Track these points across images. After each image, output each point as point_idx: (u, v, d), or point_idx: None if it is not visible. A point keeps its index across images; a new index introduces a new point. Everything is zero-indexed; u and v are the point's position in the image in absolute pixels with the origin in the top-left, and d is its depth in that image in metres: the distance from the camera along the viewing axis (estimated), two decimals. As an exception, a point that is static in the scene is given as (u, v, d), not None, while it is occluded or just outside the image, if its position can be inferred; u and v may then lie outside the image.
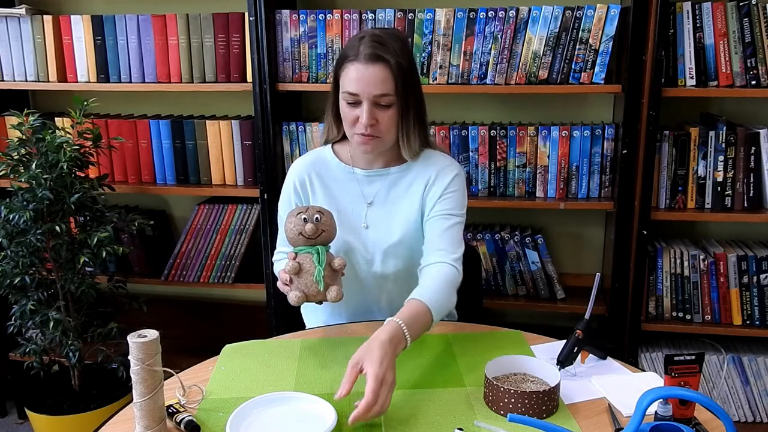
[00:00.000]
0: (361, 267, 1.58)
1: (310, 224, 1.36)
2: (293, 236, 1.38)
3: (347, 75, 1.47)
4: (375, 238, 1.58)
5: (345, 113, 1.50)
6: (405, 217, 1.58)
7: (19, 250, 2.02)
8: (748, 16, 1.91)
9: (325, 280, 1.34)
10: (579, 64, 2.01)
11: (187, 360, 1.37)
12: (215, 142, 2.28)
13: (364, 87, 1.45)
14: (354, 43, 1.48)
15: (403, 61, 1.47)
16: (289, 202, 1.64)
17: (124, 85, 2.27)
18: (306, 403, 1.19)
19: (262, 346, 1.44)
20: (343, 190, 1.61)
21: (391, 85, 1.45)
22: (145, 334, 1.04)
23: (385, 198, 1.59)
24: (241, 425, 1.12)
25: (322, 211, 1.40)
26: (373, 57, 1.44)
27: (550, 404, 1.15)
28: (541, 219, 2.38)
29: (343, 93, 1.48)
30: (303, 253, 1.37)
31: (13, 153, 2.02)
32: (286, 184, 1.66)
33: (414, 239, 1.57)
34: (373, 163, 1.60)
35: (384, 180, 1.60)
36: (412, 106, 1.51)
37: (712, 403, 0.92)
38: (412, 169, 1.60)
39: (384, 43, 1.45)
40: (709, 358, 2.16)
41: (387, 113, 1.48)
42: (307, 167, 1.63)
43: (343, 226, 1.56)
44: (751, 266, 2.07)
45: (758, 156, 1.99)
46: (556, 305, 2.23)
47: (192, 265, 2.39)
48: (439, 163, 1.59)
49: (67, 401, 2.19)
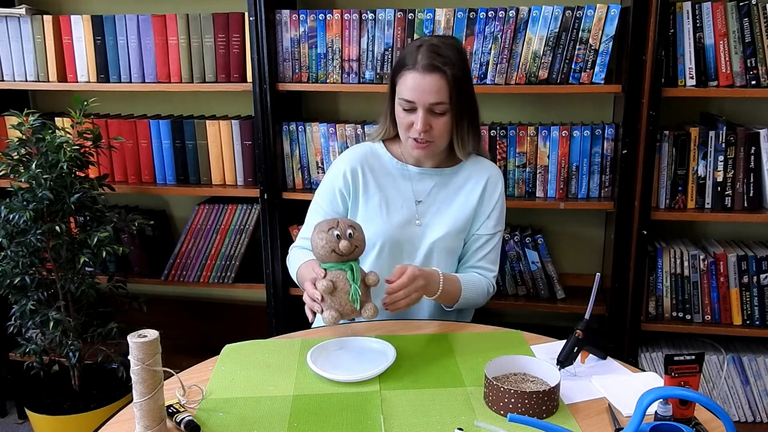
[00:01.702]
0: (404, 260, 1.63)
1: (345, 241, 1.30)
2: (325, 253, 1.31)
3: (404, 82, 1.53)
4: (424, 234, 1.63)
5: (400, 118, 1.57)
6: (453, 217, 1.64)
7: (19, 250, 2.02)
8: (748, 16, 1.91)
9: (360, 297, 1.30)
10: (579, 64, 2.01)
11: (187, 360, 1.37)
12: (215, 142, 2.28)
13: (420, 95, 1.51)
14: (411, 50, 1.53)
15: (459, 71, 1.52)
16: (333, 190, 1.67)
17: (124, 85, 2.27)
18: (369, 342, 1.40)
19: (262, 346, 1.44)
20: (394, 185, 1.66)
21: (445, 94, 1.51)
22: (145, 334, 1.04)
23: (435, 197, 1.65)
24: (318, 360, 1.31)
25: (353, 225, 1.34)
26: (429, 67, 1.50)
27: (550, 404, 1.15)
28: (541, 219, 2.38)
29: (400, 99, 1.55)
30: (335, 270, 1.31)
31: (13, 153, 2.02)
32: (333, 172, 1.68)
33: (457, 240, 1.65)
34: (424, 163, 1.67)
35: (435, 179, 1.66)
36: (466, 113, 1.58)
37: (712, 403, 0.92)
38: (462, 171, 1.67)
39: (441, 53, 1.51)
40: (709, 358, 2.16)
41: (441, 120, 1.54)
42: (360, 158, 1.68)
43: (392, 218, 1.63)
44: (751, 266, 2.07)
45: (758, 156, 1.99)
46: (556, 305, 2.23)
47: (192, 265, 2.39)
48: (487, 170, 1.68)
49: (67, 401, 2.19)
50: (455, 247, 1.66)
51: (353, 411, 1.17)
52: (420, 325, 1.55)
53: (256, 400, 1.22)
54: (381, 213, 1.64)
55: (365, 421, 1.14)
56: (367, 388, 1.25)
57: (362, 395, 1.22)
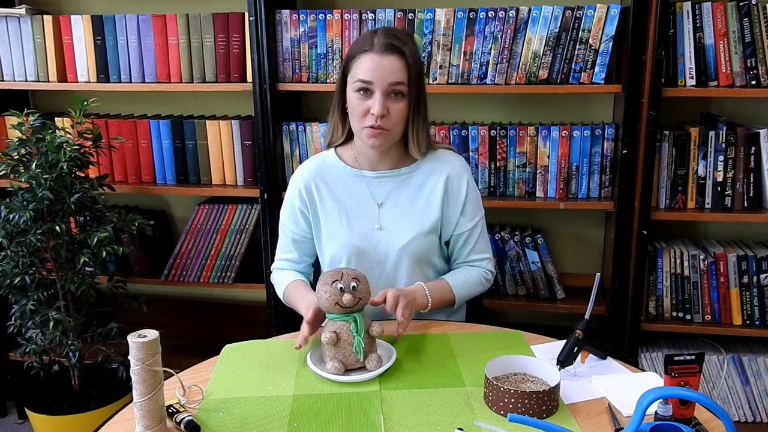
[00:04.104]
0: (372, 269, 1.59)
1: (348, 294, 1.28)
2: (329, 305, 1.30)
3: (360, 65, 1.48)
4: (389, 239, 1.58)
5: (354, 106, 1.50)
6: (419, 219, 1.59)
7: (19, 250, 2.02)
8: (748, 16, 1.91)
9: (364, 348, 1.29)
10: (579, 64, 2.00)
11: (187, 360, 1.37)
12: (215, 142, 2.28)
13: (379, 75, 1.46)
14: (366, 37, 1.50)
15: (417, 57, 1.50)
16: (293, 209, 1.64)
17: (124, 85, 2.27)
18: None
19: (262, 346, 1.44)
20: (350, 193, 1.61)
21: (404, 75, 1.47)
22: (145, 334, 1.04)
23: (397, 198, 1.60)
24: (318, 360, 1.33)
25: (357, 277, 1.32)
26: (389, 47, 1.46)
27: (550, 404, 1.15)
28: (541, 219, 2.38)
29: (356, 82, 1.48)
30: (339, 321, 1.31)
31: (13, 153, 2.02)
32: (290, 191, 1.65)
33: (427, 239, 1.59)
34: (379, 165, 1.61)
35: (393, 181, 1.60)
36: (421, 104, 1.54)
37: (712, 403, 0.92)
38: (421, 168, 1.61)
39: (398, 36, 1.49)
40: (709, 358, 2.16)
41: (398, 105, 1.49)
42: (312, 173, 1.63)
43: (353, 229, 1.58)
44: (751, 266, 2.07)
45: (758, 156, 1.99)
46: (556, 305, 2.23)
47: (192, 265, 2.39)
48: (448, 162, 1.61)
49: (67, 401, 2.19)
50: (427, 249, 1.60)
51: (353, 411, 1.17)
52: (420, 325, 1.54)
53: (256, 400, 1.22)
54: (342, 225, 1.59)
55: (365, 421, 1.14)
56: (367, 388, 1.25)
57: (362, 395, 1.22)
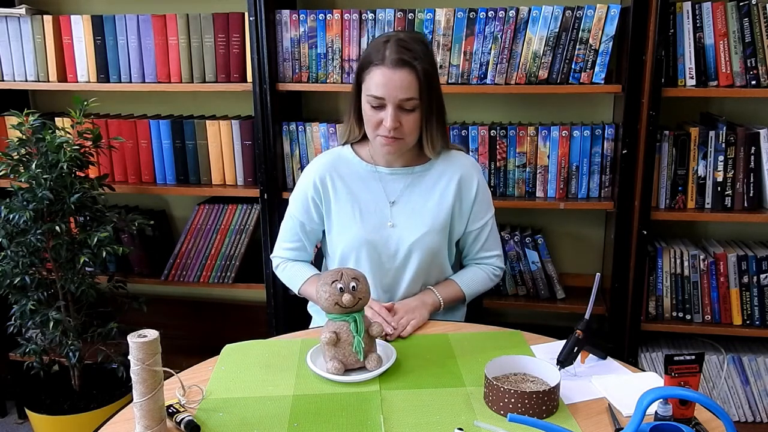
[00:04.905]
0: (383, 263, 1.62)
1: (348, 294, 1.28)
2: (328, 305, 1.30)
3: (372, 79, 1.49)
4: (400, 235, 1.61)
5: (368, 116, 1.53)
6: (431, 216, 1.61)
7: (19, 250, 2.02)
8: (748, 16, 1.91)
9: (364, 349, 1.29)
10: (579, 64, 2.00)
11: (187, 360, 1.37)
12: (215, 142, 2.28)
13: (390, 91, 1.47)
14: (378, 46, 1.49)
15: (428, 65, 1.50)
16: (306, 198, 1.66)
17: (124, 85, 2.27)
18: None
19: (262, 346, 1.44)
20: (365, 188, 1.63)
21: (415, 90, 1.48)
22: (145, 334, 1.04)
23: (410, 196, 1.63)
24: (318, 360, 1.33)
25: (357, 277, 1.32)
26: (399, 62, 1.46)
27: (550, 404, 1.15)
28: (541, 219, 2.38)
29: (368, 96, 1.51)
30: (338, 321, 1.31)
31: (13, 153, 2.02)
32: (303, 180, 1.67)
33: (437, 237, 1.62)
34: (394, 163, 1.64)
35: (407, 178, 1.63)
36: (434, 109, 1.55)
37: (712, 403, 0.92)
38: (434, 167, 1.64)
39: (409, 48, 1.48)
40: (709, 358, 2.16)
41: (411, 116, 1.51)
42: (328, 166, 1.65)
43: (366, 223, 1.61)
44: (751, 266, 2.07)
45: (758, 156, 1.99)
46: (556, 305, 2.23)
47: (192, 265, 2.39)
48: (460, 163, 1.64)
49: (67, 401, 2.19)
50: (436, 247, 1.62)
51: (353, 411, 1.17)
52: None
53: (256, 400, 1.22)
54: (355, 219, 1.61)
55: (365, 421, 1.14)
56: (367, 388, 1.25)
57: (362, 395, 1.22)
